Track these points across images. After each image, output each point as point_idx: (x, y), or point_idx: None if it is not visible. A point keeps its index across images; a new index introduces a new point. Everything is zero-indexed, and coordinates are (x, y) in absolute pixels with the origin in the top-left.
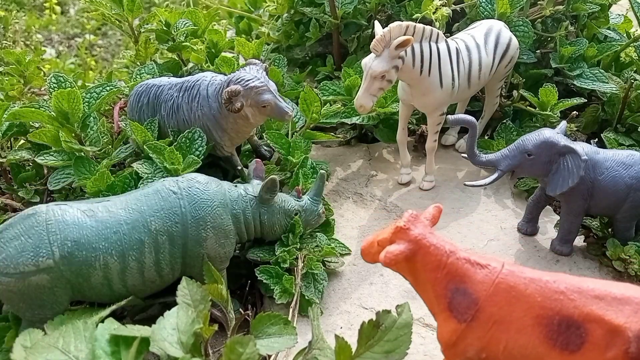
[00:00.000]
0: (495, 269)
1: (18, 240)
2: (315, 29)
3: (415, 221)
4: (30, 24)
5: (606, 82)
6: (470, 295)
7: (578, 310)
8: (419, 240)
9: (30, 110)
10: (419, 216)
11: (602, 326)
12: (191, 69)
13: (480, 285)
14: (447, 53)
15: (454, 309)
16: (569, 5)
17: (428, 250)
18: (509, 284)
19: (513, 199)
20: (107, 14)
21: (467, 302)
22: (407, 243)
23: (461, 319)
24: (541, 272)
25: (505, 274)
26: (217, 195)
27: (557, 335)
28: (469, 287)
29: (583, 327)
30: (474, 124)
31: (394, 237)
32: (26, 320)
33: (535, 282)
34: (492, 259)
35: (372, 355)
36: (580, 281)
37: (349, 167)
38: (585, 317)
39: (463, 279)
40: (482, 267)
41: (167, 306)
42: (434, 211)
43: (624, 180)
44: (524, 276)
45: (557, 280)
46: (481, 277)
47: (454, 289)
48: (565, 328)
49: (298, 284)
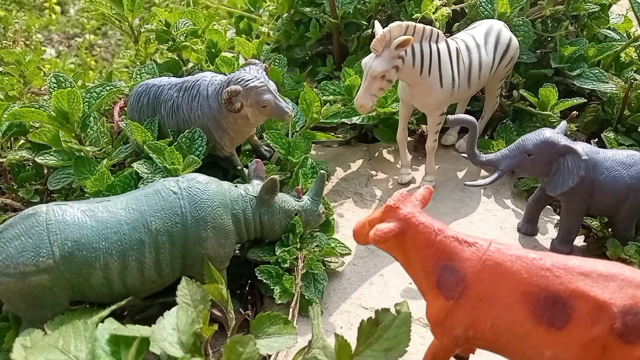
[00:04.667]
0: (482, 247)
1: (18, 240)
2: (315, 29)
3: (405, 200)
4: (30, 24)
5: (606, 82)
6: (457, 273)
7: (564, 286)
8: (408, 219)
9: (30, 110)
10: (408, 196)
11: (588, 302)
12: (191, 69)
13: (468, 263)
14: (447, 53)
15: (442, 286)
16: (569, 5)
17: (417, 228)
18: (496, 261)
19: (513, 199)
20: (107, 14)
21: (454, 280)
22: (397, 221)
23: (449, 296)
24: (528, 250)
25: (492, 251)
26: (217, 195)
27: (543, 312)
28: (457, 265)
29: (569, 303)
30: (474, 124)
31: (384, 216)
32: (26, 320)
33: (521, 259)
34: (479, 238)
35: (372, 354)
36: (567, 259)
37: (349, 167)
38: (571, 293)
39: (451, 256)
40: (469, 244)
41: (167, 306)
42: (425, 192)
43: (624, 180)
44: (510, 253)
45: (543, 258)
46: (468, 255)
47: (442, 266)
48: (551, 304)
49: (298, 284)
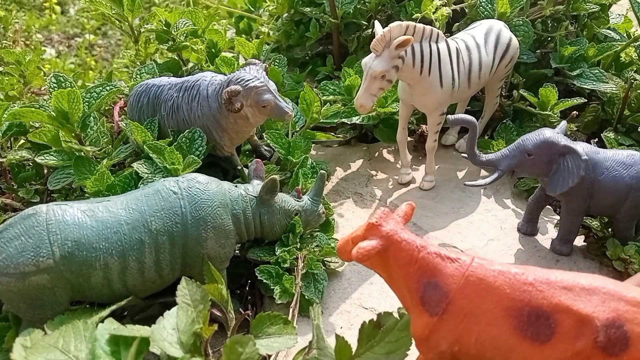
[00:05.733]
0: (465, 263)
1: (18, 240)
2: (315, 28)
3: (387, 217)
4: (30, 24)
5: (606, 82)
6: (441, 289)
7: (547, 301)
8: (390, 236)
9: (30, 110)
10: (390, 213)
11: (571, 316)
12: (191, 69)
13: (451, 279)
14: (447, 53)
15: (426, 302)
16: (569, 5)
17: (400, 245)
18: (478, 277)
19: (513, 199)
20: (107, 14)
21: (438, 296)
22: (379, 239)
23: (433, 312)
24: (510, 265)
25: (475, 267)
26: (217, 195)
27: (527, 326)
28: (440, 281)
29: (552, 317)
30: (474, 124)
31: (367, 234)
32: (26, 320)
33: (504, 275)
34: (462, 254)
35: (373, 356)
36: (549, 273)
37: (349, 167)
38: (554, 307)
39: (434, 272)
40: (452, 260)
41: (167, 306)
42: (407, 208)
43: (624, 180)
44: (492, 269)
45: (525, 272)
46: (451, 271)
47: (425, 282)
48: (534, 319)
49: (298, 284)
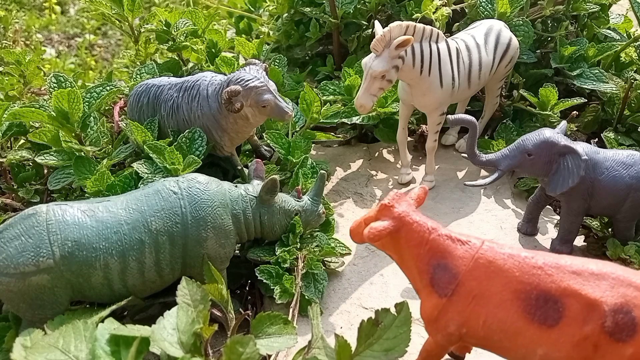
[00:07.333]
0: (475, 245)
1: (18, 240)
2: (315, 28)
3: (399, 199)
4: (30, 24)
5: (606, 82)
6: (450, 270)
7: (555, 285)
8: (402, 217)
9: (30, 110)
10: (403, 195)
11: (579, 301)
12: (191, 69)
13: (461, 261)
14: (447, 53)
15: (436, 284)
16: (569, 5)
17: (411, 227)
18: (488, 259)
19: (513, 199)
20: (107, 14)
21: (447, 277)
22: (391, 220)
23: (442, 293)
24: (520, 249)
25: (485, 249)
26: (217, 195)
27: (535, 310)
28: (450, 263)
29: (560, 301)
30: (474, 124)
31: (379, 215)
32: (26, 320)
33: (513, 258)
34: (472, 237)
35: (372, 354)
36: (558, 257)
37: (349, 167)
38: (563, 291)
39: (444, 254)
40: (462, 243)
41: (167, 306)
42: (420, 192)
43: (624, 180)
44: (502, 252)
45: (535, 256)
46: (461, 253)
47: (435, 264)
48: (543, 302)
49: (298, 284)
